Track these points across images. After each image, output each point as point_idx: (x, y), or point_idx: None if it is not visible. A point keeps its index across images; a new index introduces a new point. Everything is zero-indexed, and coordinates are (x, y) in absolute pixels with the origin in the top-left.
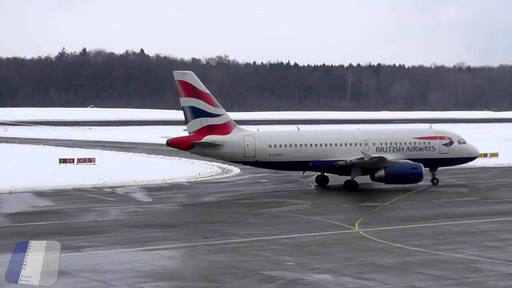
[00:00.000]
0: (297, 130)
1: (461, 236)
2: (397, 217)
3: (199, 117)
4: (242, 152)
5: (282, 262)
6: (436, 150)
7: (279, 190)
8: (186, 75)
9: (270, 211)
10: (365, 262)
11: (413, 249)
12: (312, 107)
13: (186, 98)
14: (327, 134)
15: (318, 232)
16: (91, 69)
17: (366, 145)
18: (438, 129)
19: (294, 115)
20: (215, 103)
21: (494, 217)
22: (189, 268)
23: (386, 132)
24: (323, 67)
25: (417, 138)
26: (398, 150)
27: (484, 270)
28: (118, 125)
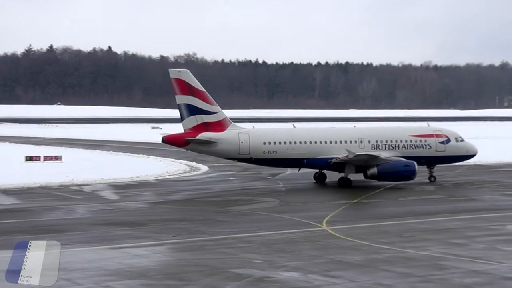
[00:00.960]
0: (292, 127)
1: (427, 234)
2: (365, 214)
3: (195, 114)
4: (237, 149)
5: (250, 260)
6: (432, 148)
7: (247, 188)
8: (182, 73)
9: (238, 209)
10: (333, 260)
11: (380, 246)
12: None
13: (182, 95)
14: (322, 132)
15: (286, 230)
16: (58, 66)
17: (361, 142)
18: (435, 127)
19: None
20: (211, 100)
21: (460, 215)
22: (157, 266)
23: (382, 130)
24: (291, 65)
25: (414, 136)
26: (394, 148)
27: (450, 268)
28: (85, 123)
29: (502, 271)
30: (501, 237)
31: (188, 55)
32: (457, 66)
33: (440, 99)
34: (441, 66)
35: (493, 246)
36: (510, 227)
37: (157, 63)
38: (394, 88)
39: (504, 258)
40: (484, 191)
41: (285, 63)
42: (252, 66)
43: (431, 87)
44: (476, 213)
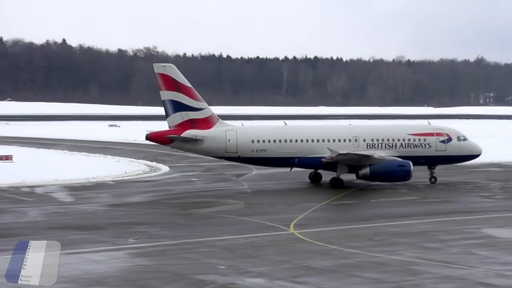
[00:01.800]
0: (284, 125)
1: (399, 237)
2: (334, 217)
3: (180, 111)
4: (224, 147)
5: (213, 266)
6: (432, 147)
7: (210, 189)
8: (167, 68)
9: (201, 212)
10: (300, 265)
11: (349, 251)
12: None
13: (167, 91)
14: (315, 130)
15: (251, 233)
16: (9, 60)
17: (356, 141)
18: (436, 125)
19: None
20: (197, 96)
21: (433, 217)
22: (115, 273)
23: (378, 128)
24: (257, 59)
25: (412, 134)
26: (390, 147)
27: (422, 273)
28: (38, 120)
29: (477, 276)
30: (476, 241)
31: (148, 48)
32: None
33: (413, 95)
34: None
35: (468, 250)
36: (486, 230)
37: (114, 57)
38: (365, 84)
39: (479, 263)
40: (459, 192)
41: (251, 57)
42: (215, 61)
43: (403, 83)
44: (450, 216)
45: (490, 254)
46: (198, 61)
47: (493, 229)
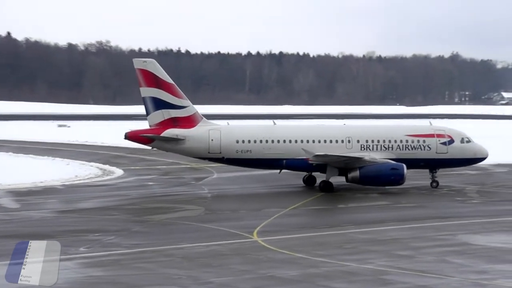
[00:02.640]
0: (272, 124)
1: (370, 245)
2: (301, 224)
3: (161, 108)
4: (206, 147)
5: (171, 276)
6: (432, 150)
7: (168, 194)
8: (147, 63)
9: (158, 218)
10: (265, 275)
11: (318, 259)
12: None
13: (147, 88)
14: (305, 130)
15: (212, 241)
16: None
17: (349, 142)
18: (437, 126)
19: None
20: (179, 94)
21: (406, 224)
22: (65, 284)
23: (374, 128)
24: (218, 55)
25: (411, 135)
26: (387, 148)
27: (395, 282)
28: None
29: (452, 285)
30: (451, 248)
31: (100, 43)
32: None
33: (384, 93)
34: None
35: (442, 258)
36: (461, 236)
37: (64, 52)
38: (334, 82)
39: (454, 271)
40: (433, 197)
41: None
42: (173, 56)
43: (374, 81)
44: (423, 222)
45: (466, 262)
46: (155, 56)
47: (468, 236)
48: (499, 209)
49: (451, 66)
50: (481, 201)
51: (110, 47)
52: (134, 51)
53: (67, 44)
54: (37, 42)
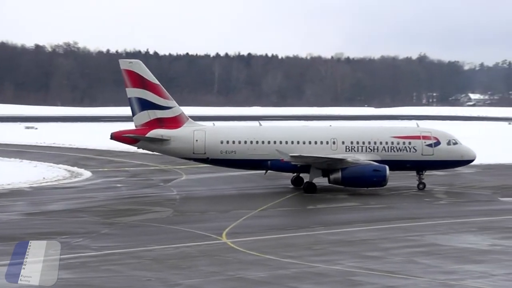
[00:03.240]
0: (257, 125)
1: (339, 246)
2: (269, 225)
3: (147, 109)
4: (191, 148)
5: (139, 278)
6: (418, 151)
7: (136, 196)
8: (133, 64)
9: (126, 220)
10: (234, 277)
11: (286, 261)
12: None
13: (133, 88)
14: (289, 131)
15: (180, 243)
16: None
17: (334, 143)
18: (424, 128)
19: None
20: (165, 94)
21: (375, 225)
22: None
23: (359, 130)
24: (187, 56)
25: (396, 137)
26: (372, 150)
27: (363, 283)
28: None
29: (420, 286)
30: (419, 249)
31: (68, 44)
32: (371, 58)
33: (352, 95)
34: (353, 58)
35: (411, 259)
36: (429, 237)
37: (31, 53)
38: (302, 83)
39: (423, 272)
40: (401, 198)
41: (180, 54)
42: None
43: (342, 82)
44: (392, 223)
45: (434, 262)
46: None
47: (436, 236)
48: (467, 210)
49: (418, 67)
50: (449, 202)
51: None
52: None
53: (34, 45)
54: (4, 43)
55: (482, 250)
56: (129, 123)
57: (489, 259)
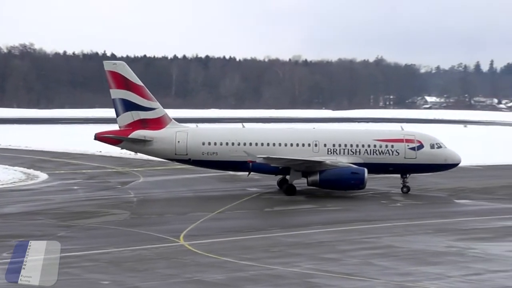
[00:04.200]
0: (239, 127)
1: (297, 248)
2: (227, 227)
3: (130, 110)
4: (173, 149)
5: (96, 281)
6: (400, 155)
7: (93, 199)
8: (117, 66)
9: (83, 223)
10: (191, 279)
11: (244, 263)
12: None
13: (117, 90)
14: (272, 133)
15: (138, 245)
16: None
17: (315, 146)
18: (407, 131)
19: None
20: (149, 96)
21: (332, 227)
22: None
23: (341, 133)
24: (144, 58)
25: (378, 140)
26: (354, 153)
27: (321, 285)
28: None
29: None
30: (376, 251)
31: (23, 45)
32: (328, 61)
33: (310, 97)
34: (311, 61)
35: (367, 261)
36: (385, 239)
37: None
38: (260, 85)
39: (379, 274)
40: (358, 200)
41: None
42: (99, 59)
43: (300, 84)
44: (349, 225)
45: (390, 264)
46: (80, 60)
47: (393, 238)
48: (422, 212)
49: (376, 70)
50: (406, 204)
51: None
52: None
53: None
54: None
55: (438, 252)
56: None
57: (445, 260)
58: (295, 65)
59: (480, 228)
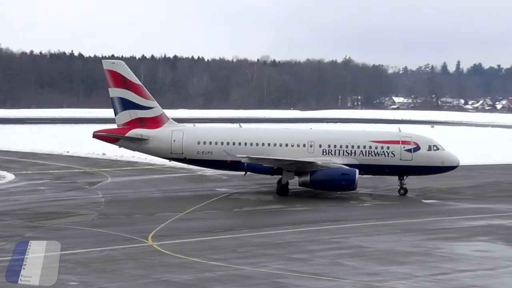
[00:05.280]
0: (235, 127)
1: (265, 248)
2: (195, 228)
3: (128, 109)
4: (169, 147)
5: (64, 282)
6: (396, 156)
7: (61, 199)
8: (116, 65)
9: (51, 223)
10: (159, 280)
11: (212, 263)
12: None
13: (115, 88)
14: (267, 133)
15: (105, 246)
16: None
17: (310, 146)
18: (404, 133)
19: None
20: (147, 95)
21: (301, 227)
22: None
23: (337, 134)
24: (112, 58)
25: (374, 141)
26: (349, 154)
27: (289, 285)
28: None
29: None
30: (344, 251)
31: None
32: (297, 62)
33: (279, 98)
34: (279, 61)
35: (336, 261)
36: (353, 239)
37: None
38: (228, 86)
39: (348, 274)
40: (326, 200)
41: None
42: (66, 59)
43: (268, 85)
44: (318, 225)
45: (358, 264)
46: (47, 59)
47: (361, 238)
48: (390, 212)
49: (344, 71)
50: (374, 204)
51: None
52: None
53: None
54: None
55: (405, 252)
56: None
57: (412, 260)
58: (263, 66)
59: (447, 228)
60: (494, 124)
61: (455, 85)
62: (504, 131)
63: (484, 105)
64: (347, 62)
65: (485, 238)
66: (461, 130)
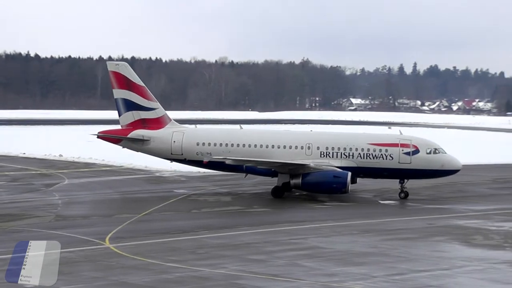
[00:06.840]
0: (235, 128)
1: (223, 250)
2: (153, 229)
3: (131, 110)
4: (169, 148)
5: (20, 285)
6: (394, 159)
7: (16, 201)
8: (120, 66)
9: (6, 226)
10: (117, 282)
11: (170, 265)
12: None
13: (119, 89)
14: (265, 135)
15: (62, 248)
16: None
17: (308, 149)
18: (404, 135)
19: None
20: (149, 96)
21: (259, 228)
22: None
23: (336, 136)
24: (69, 59)
25: (372, 144)
26: (347, 156)
27: (247, 286)
28: None
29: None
30: (302, 252)
31: None
32: (254, 63)
33: (237, 99)
34: (237, 62)
35: (294, 262)
36: (312, 240)
37: None
38: (186, 87)
39: (305, 275)
40: (285, 201)
41: (62, 57)
42: (22, 60)
43: (227, 86)
44: (276, 226)
45: (316, 265)
46: (3, 60)
47: (319, 239)
48: (348, 213)
49: (302, 72)
50: (332, 205)
51: None
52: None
53: None
54: None
55: (363, 252)
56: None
57: (370, 261)
58: (221, 67)
59: (404, 228)
60: (450, 125)
61: (412, 86)
62: (460, 132)
63: (441, 106)
64: (305, 64)
65: (441, 238)
66: (418, 131)
